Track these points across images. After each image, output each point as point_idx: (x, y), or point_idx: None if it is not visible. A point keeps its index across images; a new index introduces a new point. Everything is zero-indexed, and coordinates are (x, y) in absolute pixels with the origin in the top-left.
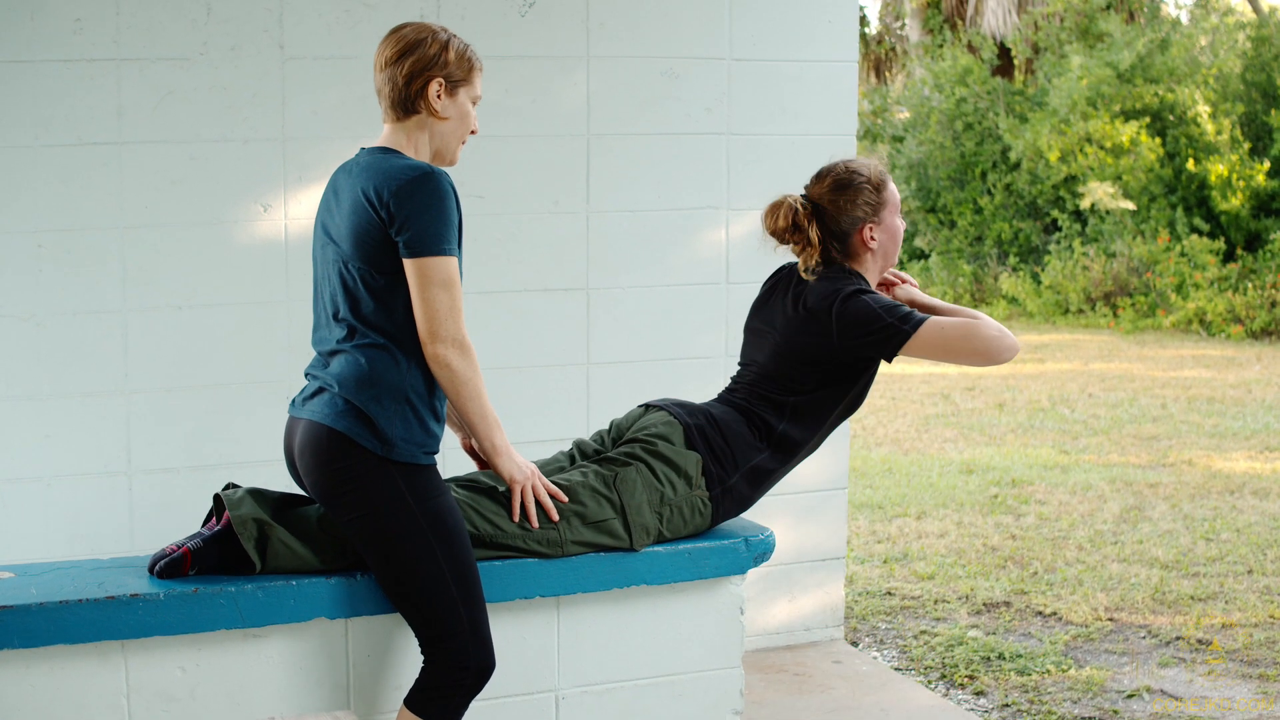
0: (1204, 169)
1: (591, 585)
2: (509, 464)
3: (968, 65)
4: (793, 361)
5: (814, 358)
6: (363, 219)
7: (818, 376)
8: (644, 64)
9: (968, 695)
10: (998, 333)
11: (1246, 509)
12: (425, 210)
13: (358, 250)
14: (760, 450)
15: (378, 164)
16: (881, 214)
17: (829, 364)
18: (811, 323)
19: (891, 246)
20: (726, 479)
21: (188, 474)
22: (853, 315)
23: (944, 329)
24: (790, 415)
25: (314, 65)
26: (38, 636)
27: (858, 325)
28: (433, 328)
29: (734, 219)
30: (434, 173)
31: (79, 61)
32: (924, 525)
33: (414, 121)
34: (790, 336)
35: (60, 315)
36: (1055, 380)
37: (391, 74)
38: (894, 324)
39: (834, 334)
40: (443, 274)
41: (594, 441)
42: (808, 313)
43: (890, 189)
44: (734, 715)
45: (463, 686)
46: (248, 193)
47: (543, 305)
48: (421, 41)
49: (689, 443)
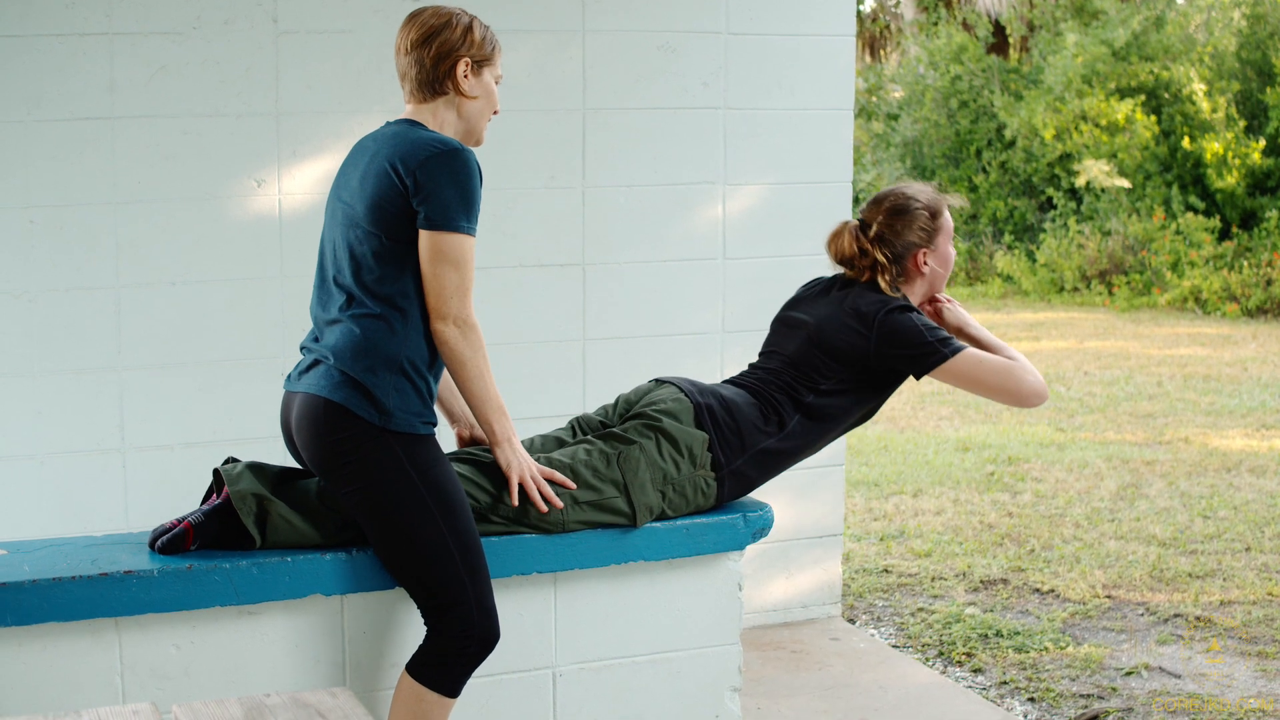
0: (1199, 147)
1: (589, 561)
2: (508, 454)
3: (962, 43)
4: (823, 354)
5: (845, 356)
6: (384, 186)
7: (841, 376)
8: (640, 38)
9: (965, 673)
10: (1033, 378)
11: (1243, 486)
12: (450, 185)
13: (373, 215)
14: (769, 435)
15: (405, 134)
16: (936, 240)
17: (857, 367)
18: (855, 323)
19: (942, 272)
20: (733, 460)
21: (181, 450)
22: (896, 326)
23: (981, 362)
24: (805, 411)
25: (308, 39)
26: (31, 614)
27: (898, 336)
28: (439, 305)
29: (730, 194)
30: (463, 150)
31: (71, 36)
32: (921, 503)
33: (441, 102)
34: (829, 330)
35: (53, 291)
36: (1051, 358)
37: (418, 56)
38: (934, 344)
39: (873, 339)
40: (457, 252)
41: (598, 415)
42: (854, 313)
43: (945, 217)
44: (732, 692)
45: (466, 655)
46: (241, 168)
47: (539, 281)
48: (446, 24)
49: (698, 421)
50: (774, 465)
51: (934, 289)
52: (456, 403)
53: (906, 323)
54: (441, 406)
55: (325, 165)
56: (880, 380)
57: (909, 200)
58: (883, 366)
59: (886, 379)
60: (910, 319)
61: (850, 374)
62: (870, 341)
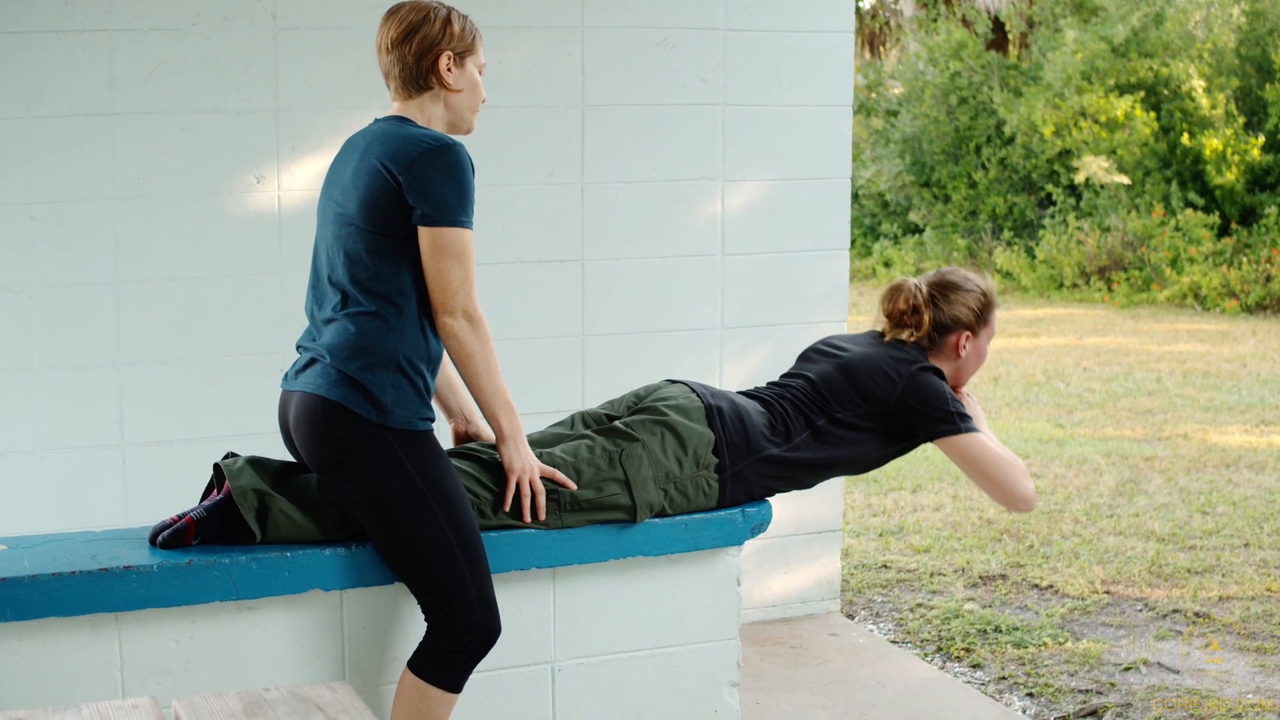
0: (1199, 143)
1: (588, 556)
2: (513, 452)
3: (962, 39)
4: (850, 384)
5: (870, 395)
6: (375, 184)
7: (859, 412)
8: (639, 34)
9: (964, 668)
10: (1029, 484)
11: (1242, 482)
12: (444, 181)
13: (365, 213)
14: (774, 445)
15: (393, 131)
16: (980, 330)
17: (877, 410)
18: (889, 367)
19: (973, 364)
20: (737, 463)
21: (181, 446)
22: (926, 385)
23: (988, 450)
24: (814, 432)
25: (307, 35)
26: (30, 609)
27: (924, 394)
28: (444, 299)
29: (729, 190)
30: (454, 145)
31: (71, 32)
32: (919, 498)
33: (426, 97)
34: (863, 366)
35: (52, 288)
36: (1050, 354)
37: (400, 54)
38: (953, 414)
39: (900, 387)
40: (458, 246)
41: (603, 409)
42: (891, 359)
43: (994, 315)
44: (731, 687)
45: (468, 650)
46: (241, 164)
47: (537, 276)
48: (425, 19)
49: (707, 421)
50: (776, 475)
51: (960, 378)
52: (453, 398)
53: (936, 386)
54: (438, 401)
55: (324, 161)
56: (892, 431)
57: (969, 280)
58: (899, 418)
59: (898, 434)
60: (941, 385)
61: (868, 412)
62: (896, 388)
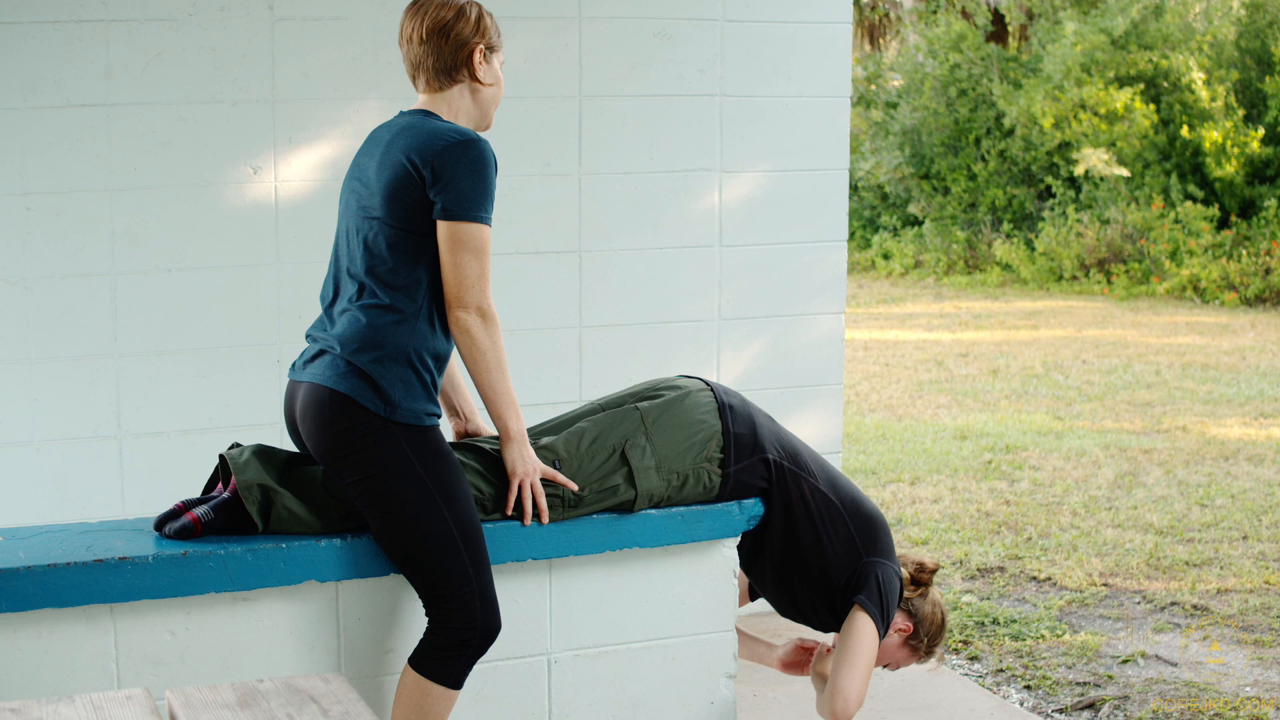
0: (1198, 135)
1: (585, 548)
2: (516, 454)
3: (961, 31)
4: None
5: (827, 520)
6: (400, 177)
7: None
8: (637, 25)
9: (962, 660)
10: (860, 701)
11: (1241, 475)
12: (467, 176)
13: (388, 206)
14: (777, 453)
15: (420, 125)
16: (923, 645)
17: (822, 535)
18: (852, 533)
19: (895, 655)
20: (741, 460)
21: (178, 437)
22: (881, 574)
23: (871, 647)
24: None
25: (304, 26)
26: (25, 600)
27: (874, 579)
28: (459, 293)
29: (727, 181)
30: (479, 140)
31: (67, 23)
32: (918, 491)
33: (455, 90)
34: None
35: (49, 278)
36: (1049, 346)
37: (435, 45)
38: (880, 596)
39: (860, 562)
40: (476, 241)
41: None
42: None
43: (945, 636)
44: (727, 678)
45: (469, 646)
46: (237, 155)
47: (535, 268)
48: (459, 15)
49: (719, 414)
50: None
51: (889, 662)
52: (457, 396)
53: (890, 578)
54: (440, 400)
55: (321, 152)
56: (814, 554)
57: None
58: (832, 554)
59: (820, 560)
60: (894, 582)
61: (812, 534)
62: (858, 558)
